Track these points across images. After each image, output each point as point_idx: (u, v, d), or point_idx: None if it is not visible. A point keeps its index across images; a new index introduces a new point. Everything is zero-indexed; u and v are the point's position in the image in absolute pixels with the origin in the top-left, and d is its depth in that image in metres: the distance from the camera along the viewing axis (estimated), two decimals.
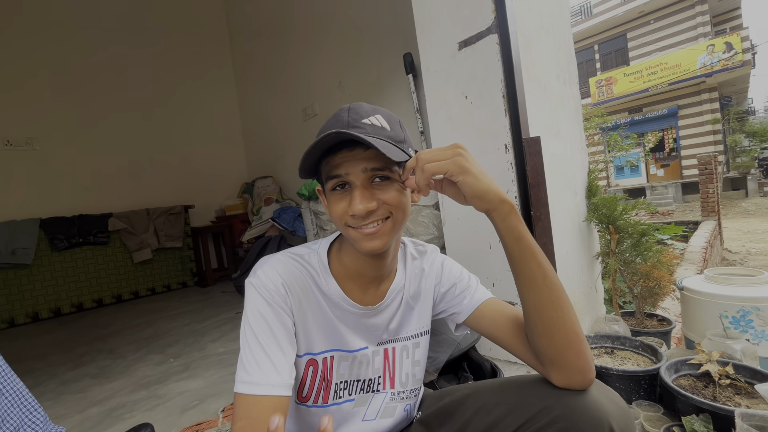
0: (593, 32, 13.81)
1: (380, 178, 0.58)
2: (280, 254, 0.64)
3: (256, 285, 0.60)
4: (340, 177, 0.57)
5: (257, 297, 0.59)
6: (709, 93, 11.65)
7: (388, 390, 0.70)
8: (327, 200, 0.62)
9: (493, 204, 0.55)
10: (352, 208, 0.56)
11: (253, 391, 0.52)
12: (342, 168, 0.56)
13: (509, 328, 0.65)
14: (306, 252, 0.66)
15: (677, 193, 11.45)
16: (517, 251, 0.57)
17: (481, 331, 0.70)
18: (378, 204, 0.57)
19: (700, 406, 0.95)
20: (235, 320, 2.44)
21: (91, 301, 3.33)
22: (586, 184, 1.71)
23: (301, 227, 3.07)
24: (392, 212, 0.58)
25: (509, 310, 0.68)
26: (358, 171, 0.56)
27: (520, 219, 0.57)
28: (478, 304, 0.69)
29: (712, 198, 5.84)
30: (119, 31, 3.79)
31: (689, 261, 3.51)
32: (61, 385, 1.71)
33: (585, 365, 0.58)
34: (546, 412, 0.59)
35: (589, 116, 5.92)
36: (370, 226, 0.57)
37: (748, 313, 1.17)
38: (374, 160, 0.56)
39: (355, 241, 0.59)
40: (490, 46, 1.19)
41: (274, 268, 0.61)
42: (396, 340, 0.71)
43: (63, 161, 3.42)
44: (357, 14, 2.79)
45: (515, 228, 0.57)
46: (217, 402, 1.37)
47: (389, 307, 0.69)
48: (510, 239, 0.57)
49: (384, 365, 0.70)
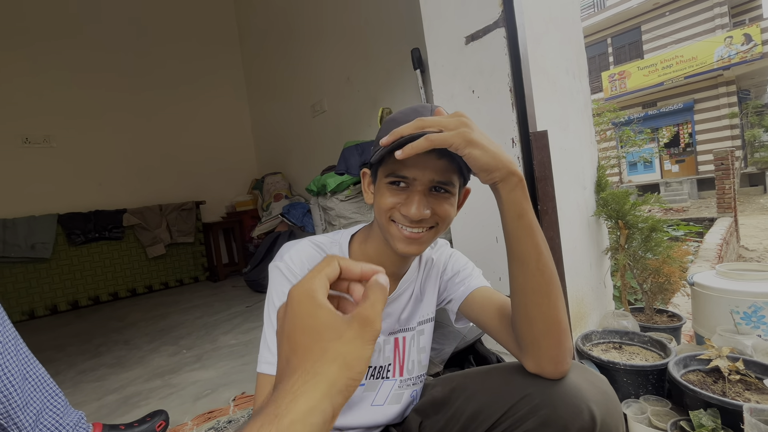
0: (606, 25, 13.52)
1: (439, 189, 0.58)
2: (304, 242, 0.66)
3: (282, 268, 0.61)
4: (406, 178, 0.57)
5: (282, 279, 0.60)
6: (726, 86, 11.34)
7: (397, 377, 0.72)
8: (375, 187, 0.62)
9: (501, 174, 0.53)
10: (407, 211, 0.56)
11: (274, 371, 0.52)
12: (411, 171, 0.56)
13: (495, 314, 0.66)
14: (328, 242, 0.68)
15: (692, 189, 11.20)
16: (516, 228, 0.55)
17: (470, 317, 0.71)
18: (430, 213, 0.57)
19: (708, 400, 0.95)
20: (246, 313, 2.48)
21: (107, 294, 3.43)
22: (596, 179, 1.69)
23: (310, 223, 3.10)
24: (438, 223, 0.59)
25: (498, 297, 0.68)
26: (425, 179, 0.56)
27: (526, 194, 0.55)
28: (471, 290, 0.71)
29: (728, 194, 5.71)
30: (133, 32, 3.86)
31: (704, 258, 3.44)
32: (80, 374, 1.77)
33: (559, 356, 0.57)
34: (527, 400, 0.58)
35: (602, 111, 5.82)
36: (415, 231, 0.58)
37: (761, 308, 1.16)
38: (442, 173, 0.57)
39: (392, 238, 0.59)
40: (497, 40, 1.19)
41: (300, 254, 0.63)
42: (406, 329, 0.73)
43: (79, 158, 3.51)
44: (365, 10, 2.79)
45: (519, 203, 0.54)
46: (228, 391, 1.41)
47: (401, 297, 0.71)
48: (512, 214, 0.55)
49: (394, 353, 0.72)
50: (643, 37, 12.91)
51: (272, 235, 3.24)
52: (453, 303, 0.73)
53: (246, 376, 1.52)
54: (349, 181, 2.41)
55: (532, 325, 0.57)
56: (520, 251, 0.56)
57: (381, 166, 0.59)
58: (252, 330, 2.12)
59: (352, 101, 3.04)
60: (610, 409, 0.56)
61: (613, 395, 0.58)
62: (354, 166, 2.37)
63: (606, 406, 0.55)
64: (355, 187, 2.43)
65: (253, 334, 2.02)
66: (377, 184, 0.61)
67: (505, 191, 0.54)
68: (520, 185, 0.54)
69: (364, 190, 0.66)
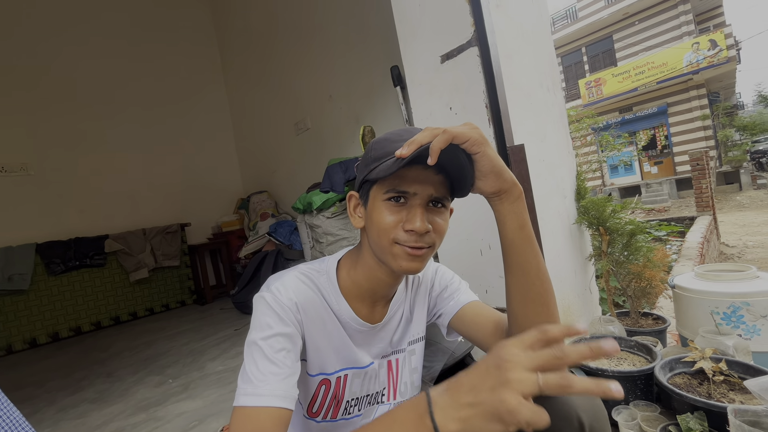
0: (580, 35, 14.04)
1: (436, 204, 0.58)
2: (292, 274, 0.63)
3: (268, 299, 0.58)
4: (407, 193, 0.56)
5: (269, 311, 0.58)
6: (697, 90, 11.82)
7: (391, 401, 0.71)
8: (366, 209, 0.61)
9: (507, 184, 0.54)
10: (413, 225, 0.55)
11: (256, 402, 0.50)
12: (413, 186, 0.55)
13: (489, 329, 0.66)
14: (315, 274, 0.65)
15: (672, 190, 11.53)
16: (518, 239, 0.57)
17: (462, 332, 0.71)
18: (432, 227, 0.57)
19: (694, 403, 0.96)
20: (234, 337, 2.43)
21: (89, 324, 3.32)
22: (575, 187, 1.73)
23: (297, 241, 3.08)
24: (435, 241, 0.59)
25: (491, 312, 0.69)
26: (425, 194, 0.56)
27: (525, 205, 0.57)
28: (462, 305, 0.71)
29: (706, 193, 5.89)
30: (111, 50, 3.83)
31: (686, 257, 3.52)
32: (60, 411, 1.70)
33: None
34: None
35: (580, 117, 5.99)
36: (418, 246, 0.57)
37: (739, 308, 1.18)
38: (441, 187, 0.57)
39: (396, 257, 0.57)
40: (471, 58, 1.22)
41: (288, 286, 0.60)
42: (398, 351, 0.72)
43: (58, 185, 3.43)
44: (345, 28, 2.84)
45: (521, 214, 0.56)
46: (216, 421, 1.37)
47: (392, 320, 0.70)
48: (514, 225, 0.56)
49: (388, 377, 0.71)
50: (616, 45, 13.44)
51: (260, 254, 3.20)
52: (443, 317, 0.73)
53: None
54: (334, 198, 2.41)
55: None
56: (521, 261, 0.57)
57: (376, 184, 0.58)
58: (240, 354, 2.06)
59: (334, 118, 3.07)
60: (597, 417, 0.57)
61: (599, 402, 0.59)
62: (338, 183, 2.38)
63: (594, 414, 0.56)
64: (340, 203, 2.44)
65: (242, 359, 1.97)
66: (371, 204, 0.59)
67: (508, 202, 0.56)
68: (521, 197, 0.56)
69: (351, 214, 0.64)
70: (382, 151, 0.57)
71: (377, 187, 0.58)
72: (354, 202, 0.64)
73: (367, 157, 0.60)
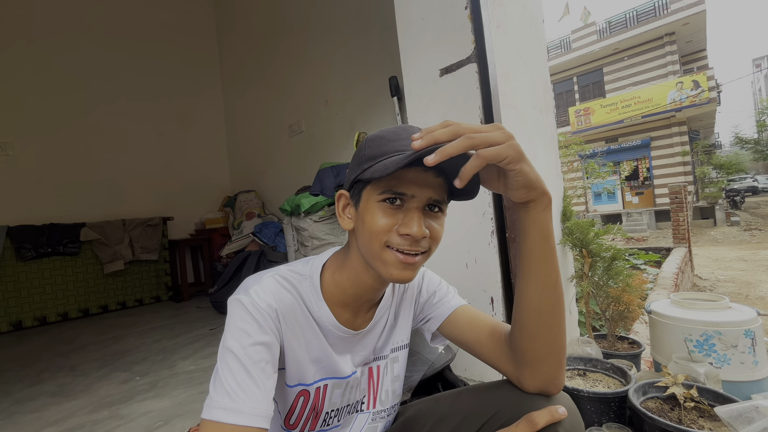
0: (572, 65, 14.58)
1: (432, 208, 0.55)
2: (271, 278, 0.59)
3: (246, 303, 0.54)
4: (404, 195, 0.53)
5: (246, 315, 0.54)
6: (678, 126, 12.34)
7: (371, 410, 0.69)
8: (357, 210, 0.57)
9: (537, 193, 0.51)
10: (409, 229, 0.52)
11: (234, 420, 0.47)
12: (411, 188, 0.52)
13: (485, 331, 0.65)
14: (296, 278, 0.61)
15: (651, 220, 11.89)
16: (542, 249, 0.54)
17: (454, 337, 0.69)
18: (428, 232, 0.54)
19: (665, 428, 0.97)
20: (209, 336, 2.36)
21: (55, 314, 3.17)
22: (561, 209, 1.77)
23: (282, 243, 3.03)
24: (431, 246, 0.56)
25: (485, 317, 0.68)
26: (424, 197, 0.53)
27: (551, 215, 0.54)
28: (453, 309, 0.69)
29: (682, 226, 6.10)
30: (102, 36, 3.76)
31: (662, 286, 3.62)
32: (16, 403, 1.61)
33: (561, 375, 0.58)
34: (497, 417, 0.59)
35: (569, 143, 6.17)
36: (411, 254, 0.54)
37: (711, 336, 1.22)
38: (440, 190, 0.54)
39: (386, 265, 0.54)
40: (470, 74, 1.25)
41: (268, 291, 0.56)
42: (380, 357, 0.70)
43: (36, 168, 3.32)
44: (346, 36, 2.87)
45: (547, 224, 0.53)
46: (182, 422, 1.31)
47: (377, 326, 0.68)
48: (539, 235, 0.53)
49: (369, 384, 0.69)
50: (605, 77, 13.99)
51: (242, 254, 3.14)
52: (431, 322, 0.72)
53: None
54: (323, 202, 2.40)
55: (540, 345, 0.57)
56: (543, 272, 0.55)
57: (370, 184, 0.54)
58: (214, 355, 2.01)
59: (329, 124, 3.08)
60: (574, 424, 0.58)
61: (576, 411, 0.60)
62: (329, 187, 2.37)
63: (571, 421, 0.57)
64: (329, 208, 2.42)
65: (215, 360, 1.91)
66: (363, 206, 0.55)
67: (536, 211, 0.52)
68: (549, 206, 0.53)
69: (339, 215, 0.61)
70: (378, 150, 0.54)
71: (371, 188, 0.55)
72: (343, 201, 0.60)
73: (361, 155, 0.57)
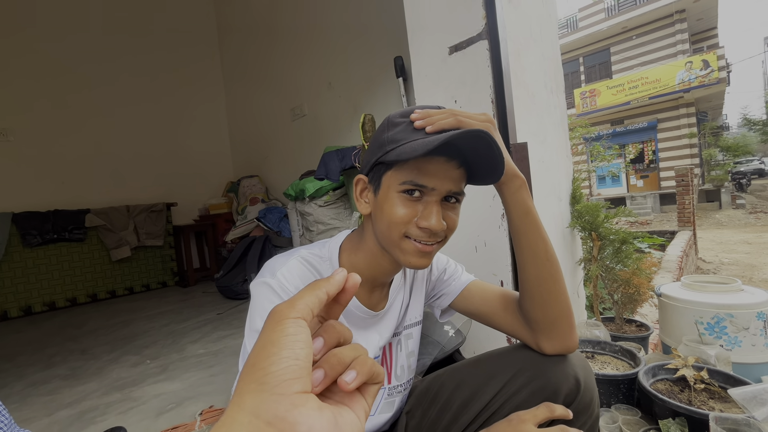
0: (578, 45, 14.20)
1: (449, 199, 0.57)
2: (295, 260, 0.60)
3: (274, 285, 0.55)
4: (424, 187, 0.53)
5: (274, 297, 0.54)
6: (686, 108, 12.11)
7: (387, 385, 0.70)
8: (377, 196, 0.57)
9: (507, 177, 0.58)
10: (428, 223, 0.53)
11: None
12: (432, 180, 0.53)
13: (498, 303, 0.69)
14: (317, 260, 0.63)
15: (655, 204, 11.81)
16: (524, 225, 0.61)
17: (468, 310, 0.72)
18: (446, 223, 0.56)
19: (676, 409, 0.98)
20: (216, 321, 2.39)
21: (64, 299, 3.21)
22: (571, 191, 1.74)
23: (286, 228, 3.03)
24: (447, 235, 0.58)
25: (496, 288, 0.72)
26: (444, 189, 0.54)
27: (528, 194, 0.60)
28: (466, 284, 0.73)
29: (688, 209, 6.05)
30: (106, 24, 3.69)
31: (666, 269, 3.62)
32: (29, 386, 1.64)
33: (573, 334, 0.63)
34: (519, 375, 0.64)
35: (574, 126, 6.08)
36: (429, 243, 0.56)
37: (722, 319, 1.21)
38: (459, 182, 0.56)
39: (404, 252, 0.56)
40: (481, 51, 1.20)
41: (294, 273, 0.58)
42: (394, 334, 0.71)
43: (40, 154, 3.30)
44: (347, 16, 2.79)
45: (524, 202, 0.60)
46: (194, 405, 1.33)
47: (393, 306, 0.69)
48: (518, 212, 0.60)
49: (383, 361, 0.70)
50: (612, 58, 13.64)
51: (247, 239, 3.15)
52: (443, 299, 0.74)
53: (214, 388, 1.45)
54: (328, 186, 2.38)
55: (549, 311, 0.62)
56: (530, 244, 0.61)
57: (392, 169, 0.55)
58: (222, 339, 2.03)
59: (333, 106, 3.02)
60: (588, 375, 0.65)
61: (589, 365, 0.67)
62: (334, 171, 2.34)
63: (586, 372, 0.64)
64: (334, 192, 2.40)
65: (224, 344, 1.94)
66: (383, 193, 0.56)
67: (510, 191, 0.60)
68: (523, 186, 0.60)
69: (356, 198, 0.61)
70: (402, 134, 0.54)
71: (393, 174, 0.55)
72: (361, 186, 0.61)
73: (382, 137, 0.56)
